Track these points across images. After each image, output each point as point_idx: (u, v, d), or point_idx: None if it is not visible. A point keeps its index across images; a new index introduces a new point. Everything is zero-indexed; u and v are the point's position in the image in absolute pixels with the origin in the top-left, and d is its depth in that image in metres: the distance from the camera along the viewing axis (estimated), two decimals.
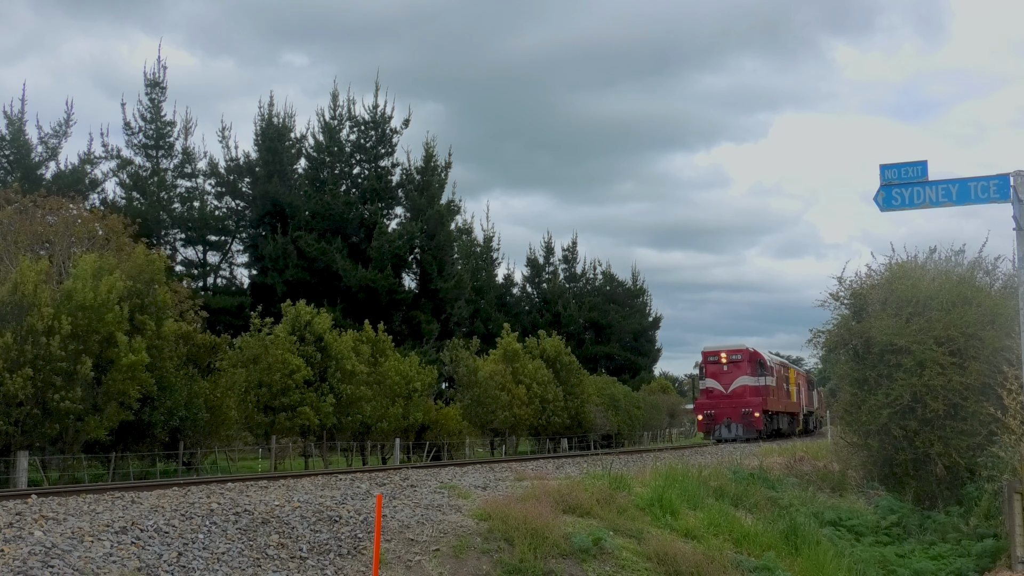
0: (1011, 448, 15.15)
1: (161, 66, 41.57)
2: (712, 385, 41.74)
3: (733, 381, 40.99)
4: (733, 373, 41.16)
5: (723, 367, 41.61)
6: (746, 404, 40.14)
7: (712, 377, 41.92)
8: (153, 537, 8.37)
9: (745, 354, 42.10)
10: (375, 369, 30.63)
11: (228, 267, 45.17)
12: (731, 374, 41.19)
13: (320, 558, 9.03)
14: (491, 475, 15.36)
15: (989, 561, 14.91)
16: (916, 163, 15.34)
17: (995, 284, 21.44)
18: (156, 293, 23.74)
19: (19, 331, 19.75)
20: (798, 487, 20.92)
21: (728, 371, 41.33)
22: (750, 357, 42.32)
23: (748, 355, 42.24)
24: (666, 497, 14.28)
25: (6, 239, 24.67)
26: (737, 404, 40.25)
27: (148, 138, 40.95)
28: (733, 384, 40.97)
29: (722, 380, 41.31)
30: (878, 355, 20.58)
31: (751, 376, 41.32)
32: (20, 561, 7.15)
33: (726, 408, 40.43)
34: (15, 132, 36.46)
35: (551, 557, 10.64)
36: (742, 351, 42.23)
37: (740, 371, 41.23)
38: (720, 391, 41.20)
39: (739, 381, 40.92)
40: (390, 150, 46.03)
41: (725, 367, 41.51)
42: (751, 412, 39.83)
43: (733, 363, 41.51)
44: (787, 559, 13.44)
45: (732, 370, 41.26)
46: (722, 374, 41.54)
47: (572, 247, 63.70)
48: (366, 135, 45.78)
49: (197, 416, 24.31)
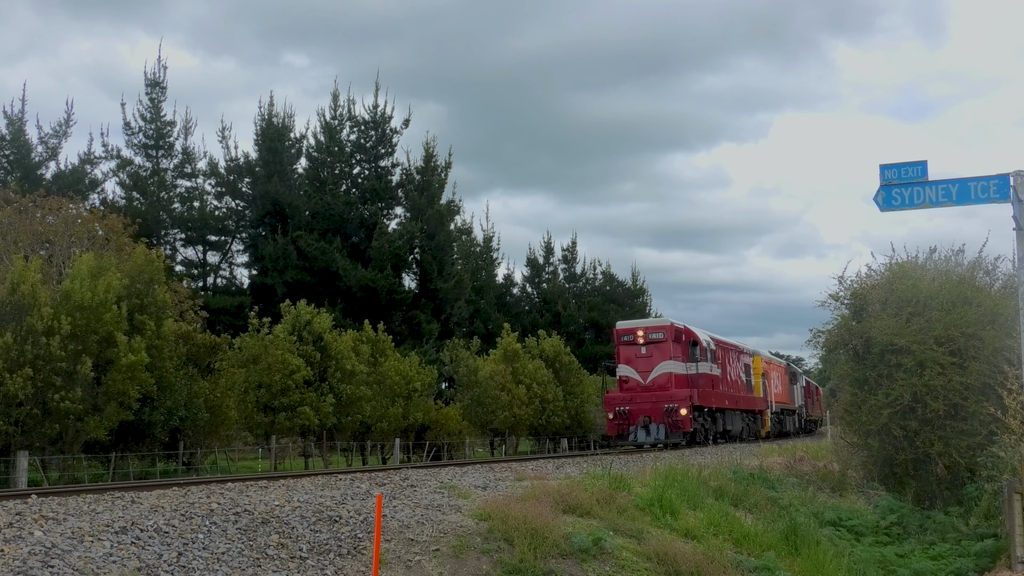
0: (1011, 448, 15.15)
1: (161, 66, 41.59)
2: (627, 373, 31.30)
3: (654, 368, 30.74)
4: (654, 357, 30.80)
5: (640, 349, 31.03)
6: (670, 398, 29.85)
7: (627, 363, 31.43)
8: (153, 537, 8.37)
9: (669, 332, 31.41)
10: (375, 369, 30.65)
11: (228, 267, 45.19)
12: (651, 358, 30.83)
13: (320, 558, 9.04)
14: (491, 475, 15.37)
15: (989, 561, 14.91)
16: (916, 163, 15.34)
17: (995, 284, 21.46)
18: (156, 293, 23.74)
19: (19, 331, 19.76)
20: (798, 487, 20.93)
21: (647, 355, 30.90)
22: (676, 335, 31.73)
23: (673, 333, 31.55)
24: (666, 497, 14.28)
25: (6, 239, 24.68)
26: (658, 398, 29.94)
27: (148, 138, 40.96)
28: (654, 372, 30.70)
29: (639, 366, 30.98)
30: (878, 355, 20.59)
31: (679, 361, 31.27)
32: (20, 561, 7.15)
33: (644, 403, 29.98)
34: (15, 132, 36.47)
35: (551, 557, 10.64)
36: (665, 328, 31.69)
37: (663, 354, 30.80)
38: (637, 381, 30.89)
39: (662, 368, 30.66)
40: (390, 150, 46.05)
41: (643, 349, 30.96)
42: (676, 409, 29.46)
43: (653, 344, 30.96)
44: (787, 559, 13.44)
45: (652, 353, 30.85)
46: (639, 359, 31.12)
47: (572, 247, 63.72)
48: (366, 135, 45.79)
49: (197, 416, 24.32)
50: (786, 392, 48.79)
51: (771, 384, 44.08)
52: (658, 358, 30.87)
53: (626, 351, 31.60)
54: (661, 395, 30.03)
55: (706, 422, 32.32)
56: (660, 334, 31.25)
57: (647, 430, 29.71)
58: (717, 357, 34.77)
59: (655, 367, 30.81)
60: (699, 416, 31.27)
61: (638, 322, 33.91)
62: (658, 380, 30.70)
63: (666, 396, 29.90)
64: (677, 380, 30.80)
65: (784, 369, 49.80)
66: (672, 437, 29.63)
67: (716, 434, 34.17)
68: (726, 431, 35.13)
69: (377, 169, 45.63)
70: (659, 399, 29.92)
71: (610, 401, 31.03)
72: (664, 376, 30.70)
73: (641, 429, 29.76)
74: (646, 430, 29.73)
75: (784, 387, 48.42)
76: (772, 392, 44.01)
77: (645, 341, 31.08)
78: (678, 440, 29.77)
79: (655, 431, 29.68)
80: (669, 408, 29.57)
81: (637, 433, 29.88)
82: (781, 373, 48.20)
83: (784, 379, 48.82)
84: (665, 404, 29.66)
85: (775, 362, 47.90)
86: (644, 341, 31.09)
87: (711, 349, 33.85)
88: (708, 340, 33.84)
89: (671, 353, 30.94)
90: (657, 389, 30.33)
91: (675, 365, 30.97)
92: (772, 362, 46.77)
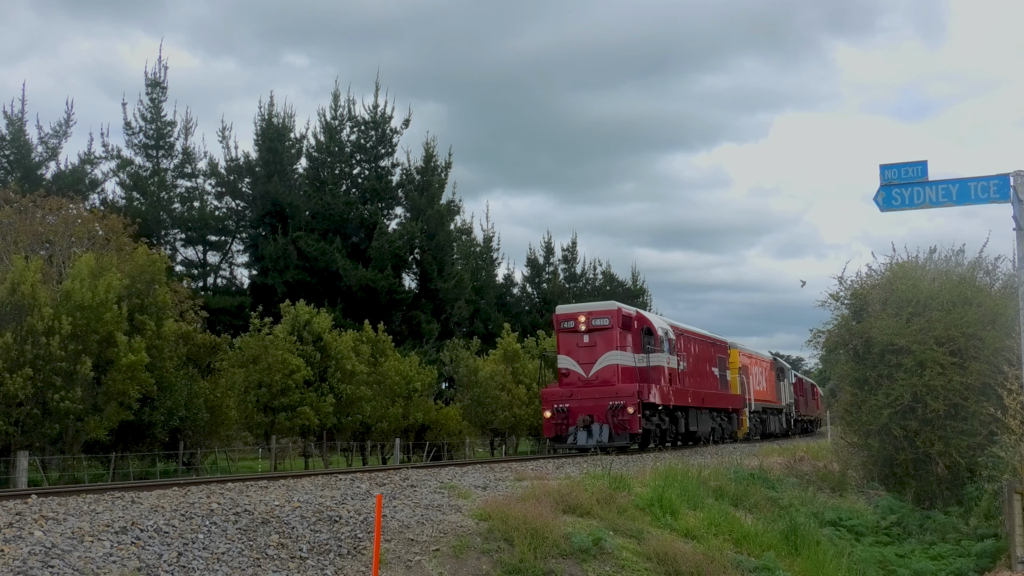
0: (1011, 448, 15.15)
1: (162, 66, 41.63)
2: (568, 366, 26.93)
3: (597, 359, 26.44)
4: (597, 347, 26.54)
5: (582, 338, 26.67)
6: (615, 394, 25.56)
7: (567, 354, 27.02)
8: (153, 537, 8.38)
9: (616, 317, 26.83)
10: (375, 369, 30.68)
11: (228, 267, 45.23)
12: (594, 348, 26.56)
13: (320, 558, 9.04)
14: (491, 475, 15.37)
15: (989, 561, 14.91)
16: (916, 163, 15.34)
17: (995, 284, 21.46)
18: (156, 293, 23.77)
19: (19, 331, 19.77)
20: (798, 487, 20.92)
21: (590, 344, 26.59)
22: (625, 322, 27.32)
23: (621, 319, 27.00)
24: (666, 497, 14.28)
25: (6, 239, 24.69)
26: (601, 394, 25.74)
27: (148, 138, 40.99)
28: (597, 364, 26.39)
29: (580, 357, 26.72)
30: (878, 355, 20.59)
31: (628, 351, 27.00)
32: (20, 561, 7.15)
33: (586, 400, 25.80)
34: (15, 132, 36.50)
35: (551, 557, 10.64)
36: (611, 312, 27.04)
37: (608, 344, 26.49)
38: (578, 375, 26.62)
39: (607, 359, 26.42)
40: (390, 150, 46.08)
41: (585, 338, 26.62)
42: (621, 406, 25.23)
43: (598, 332, 26.63)
44: (787, 559, 13.45)
45: (596, 342, 26.57)
46: (581, 348, 26.76)
47: (572, 247, 63.75)
48: (366, 135, 45.82)
49: (197, 416, 24.35)
50: (771, 389, 44.33)
51: (751, 380, 39.63)
52: (603, 348, 26.45)
53: (566, 340, 27.08)
54: (605, 391, 25.77)
55: (663, 422, 27.76)
56: (605, 320, 26.65)
57: (589, 431, 25.36)
58: (679, 348, 30.20)
59: (599, 358, 26.38)
60: (653, 415, 26.91)
61: (580, 306, 28.72)
62: (602, 373, 26.28)
63: (611, 392, 25.63)
64: (625, 373, 26.40)
65: (769, 364, 45.23)
66: (618, 439, 25.14)
67: (677, 436, 29.64)
68: (690, 432, 30.31)
69: (377, 169, 45.65)
70: (603, 395, 25.66)
71: (547, 397, 26.63)
72: (609, 369, 26.28)
73: (582, 430, 25.38)
74: (587, 431, 25.36)
75: (769, 384, 43.94)
76: (752, 389, 39.46)
77: (587, 328, 26.52)
78: (624, 443, 25.32)
79: (598, 432, 25.25)
80: (614, 406, 25.20)
81: (577, 435, 25.45)
82: (765, 368, 43.72)
83: (769, 375, 44.29)
84: (610, 401, 25.34)
85: (758, 356, 43.42)
86: (586, 328, 26.52)
87: (669, 339, 29.25)
88: (666, 328, 29.42)
89: (618, 342, 26.55)
90: (601, 384, 26.02)
91: (623, 356, 26.61)
92: (754, 356, 42.23)
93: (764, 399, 42.17)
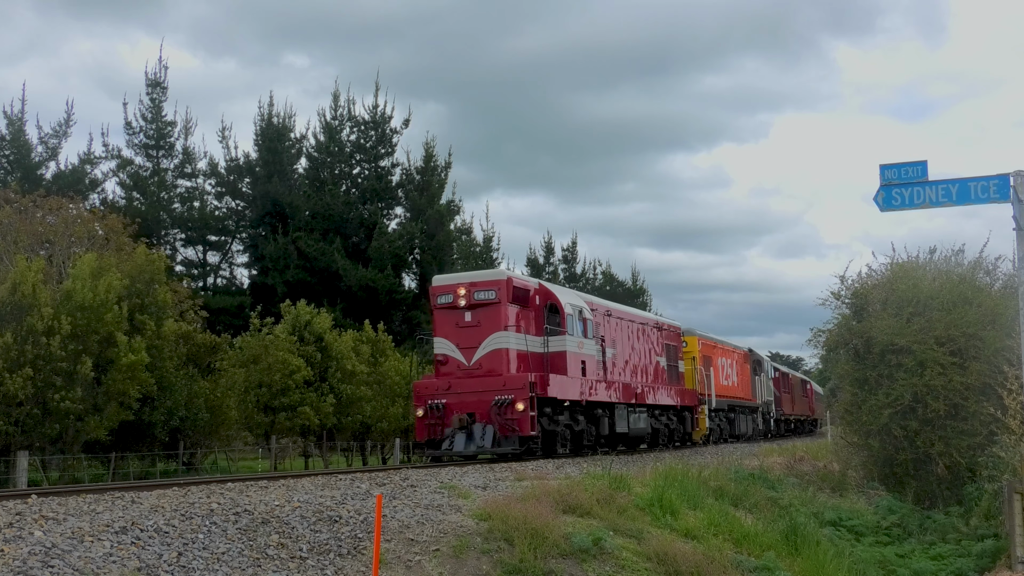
0: (1011, 448, 15.16)
1: (163, 66, 41.65)
2: (445, 351, 21.29)
3: (482, 343, 20.88)
4: (482, 327, 20.89)
5: (463, 316, 21.07)
6: (501, 386, 20.11)
7: (445, 336, 21.34)
8: (153, 537, 8.37)
9: (505, 289, 20.96)
10: (375, 369, 30.66)
11: (228, 267, 45.28)
12: (478, 329, 20.93)
13: (320, 558, 9.04)
14: (491, 475, 15.37)
15: (989, 561, 14.92)
16: (916, 163, 15.35)
17: (996, 284, 21.47)
18: (156, 293, 23.79)
19: (19, 331, 19.78)
20: (798, 487, 20.94)
21: (473, 323, 21.00)
22: (519, 296, 21.45)
23: (512, 291, 21.13)
24: (666, 497, 14.29)
25: (6, 239, 24.71)
26: (485, 386, 20.26)
27: (149, 138, 41.02)
28: (481, 348, 20.86)
29: (461, 340, 21.10)
30: (879, 355, 20.60)
31: (525, 333, 21.34)
32: (20, 561, 7.15)
33: (466, 394, 20.39)
34: (15, 132, 36.53)
35: (551, 557, 10.64)
36: (500, 284, 21.10)
37: (496, 323, 20.82)
38: (458, 362, 21.06)
39: (493, 342, 20.80)
40: (390, 150, 46.09)
41: (467, 316, 21.04)
42: (509, 403, 19.83)
43: (483, 308, 20.91)
44: (787, 559, 13.45)
45: (480, 321, 20.94)
46: (461, 329, 21.11)
47: (572, 247, 63.81)
48: (366, 135, 45.83)
49: (197, 416, 24.37)
50: (744, 384, 38.56)
51: (717, 373, 34.14)
52: (489, 328, 20.72)
53: (444, 319, 21.28)
54: (490, 382, 20.21)
55: (575, 422, 22.07)
56: (491, 293, 20.85)
57: (469, 433, 19.98)
58: (603, 331, 24.46)
59: (483, 341, 20.74)
60: (559, 413, 21.30)
61: (461, 276, 22.70)
62: (487, 360, 20.68)
63: (496, 384, 20.11)
64: (517, 360, 20.85)
65: (742, 356, 39.45)
66: (506, 444, 19.72)
67: (599, 439, 23.43)
68: (617, 434, 24.15)
69: (377, 169, 45.66)
70: (487, 388, 20.11)
71: (420, 392, 20.91)
72: (496, 354, 20.66)
73: (459, 432, 19.93)
74: (467, 433, 19.98)
75: (742, 378, 38.35)
76: (716, 383, 33.56)
77: (469, 303, 20.84)
78: (512, 448, 19.70)
79: (480, 434, 19.88)
80: (499, 402, 19.72)
81: (454, 439, 19.94)
82: (736, 360, 38.07)
83: (742, 368, 38.60)
84: (495, 395, 19.85)
85: (727, 346, 37.76)
86: (467, 303, 20.85)
87: (585, 319, 22.98)
88: (582, 307, 23.12)
89: (508, 321, 20.83)
90: (485, 374, 20.51)
91: (515, 338, 20.90)
92: (721, 345, 36.64)
93: (733, 395, 36.52)
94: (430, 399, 20.68)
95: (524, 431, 19.78)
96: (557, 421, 21.29)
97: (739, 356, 39.03)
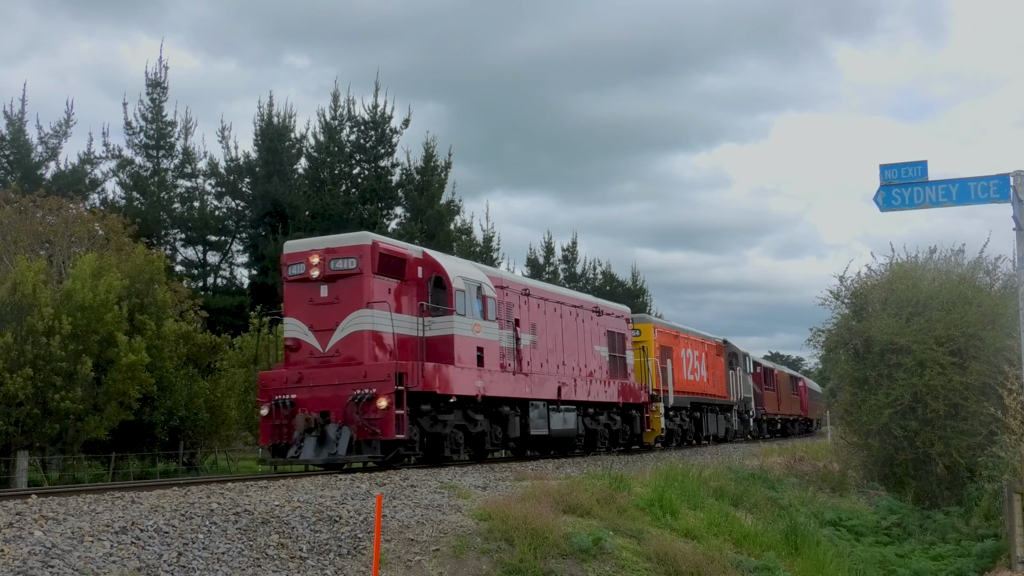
0: (1011, 448, 15.16)
1: (163, 66, 41.64)
2: (296, 334, 17.36)
3: (340, 323, 16.98)
4: (340, 304, 17.04)
5: (318, 290, 17.23)
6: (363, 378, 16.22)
7: (297, 316, 17.42)
8: (153, 537, 8.38)
9: (369, 257, 17.08)
10: None
11: (228, 267, 45.23)
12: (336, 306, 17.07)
13: (320, 558, 9.04)
14: (491, 475, 15.36)
15: (989, 561, 14.92)
16: (916, 163, 15.36)
17: (995, 284, 21.49)
18: (156, 293, 23.79)
19: (19, 331, 19.79)
20: (798, 487, 20.94)
21: (330, 299, 17.14)
22: (387, 264, 17.47)
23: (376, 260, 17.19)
24: (666, 497, 14.30)
25: (6, 239, 24.71)
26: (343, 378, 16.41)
27: (149, 138, 41.00)
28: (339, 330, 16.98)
29: (315, 321, 17.21)
30: (878, 355, 20.60)
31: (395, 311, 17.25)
32: (20, 561, 7.15)
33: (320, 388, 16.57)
34: (15, 132, 36.52)
35: (551, 557, 10.64)
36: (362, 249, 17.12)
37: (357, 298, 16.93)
38: (312, 347, 17.17)
39: (353, 323, 16.90)
40: (390, 150, 46.07)
41: (323, 290, 17.19)
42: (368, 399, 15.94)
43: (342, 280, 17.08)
44: (787, 559, 13.45)
45: (339, 297, 17.08)
46: (316, 307, 17.22)
47: (572, 247, 63.78)
48: (366, 135, 45.81)
49: (197, 416, 24.37)
50: (715, 379, 34.28)
51: (680, 366, 30.07)
52: (348, 305, 16.73)
53: (296, 294, 17.24)
54: (348, 373, 16.24)
55: (469, 423, 18.08)
56: (351, 261, 16.75)
57: (322, 436, 15.92)
58: (515, 313, 20.37)
59: (341, 322, 16.71)
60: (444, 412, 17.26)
61: (317, 240, 17.94)
62: (346, 346, 16.68)
63: (356, 375, 16.12)
64: (386, 346, 16.78)
65: (714, 348, 35.16)
66: (367, 449, 15.92)
67: (506, 441, 19.68)
68: (531, 437, 20.30)
69: (377, 169, 45.64)
70: (344, 380, 16.16)
71: (266, 385, 16.91)
72: (356, 338, 16.61)
73: (309, 436, 15.93)
74: (319, 436, 15.92)
75: (713, 372, 34.03)
76: (677, 377, 29.61)
77: (324, 274, 16.83)
78: (372, 455, 15.94)
79: (335, 438, 15.86)
80: (357, 397, 15.76)
81: (303, 444, 15.93)
82: (706, 353, 33.75)
83: (713, 361, 34.35)
84: (356, 390, 15.89)
85: (693, 336, 33.22)
86: (323, 274, 16.83)
87: (487, 296, 18.91)
88: (480, 282, 18.86)
89: (373, 295, 16.71)
90: (342, 363, 16.56)
91: (383, 318, 16.64)
92: (685, 335, 32.19)
93: (701, 391, 32.22)
94: (278, 394, 16.55)
95: (387, 433, 15.62)
96: (444, 422, 17.21)
97: (710, 348, 34.50)
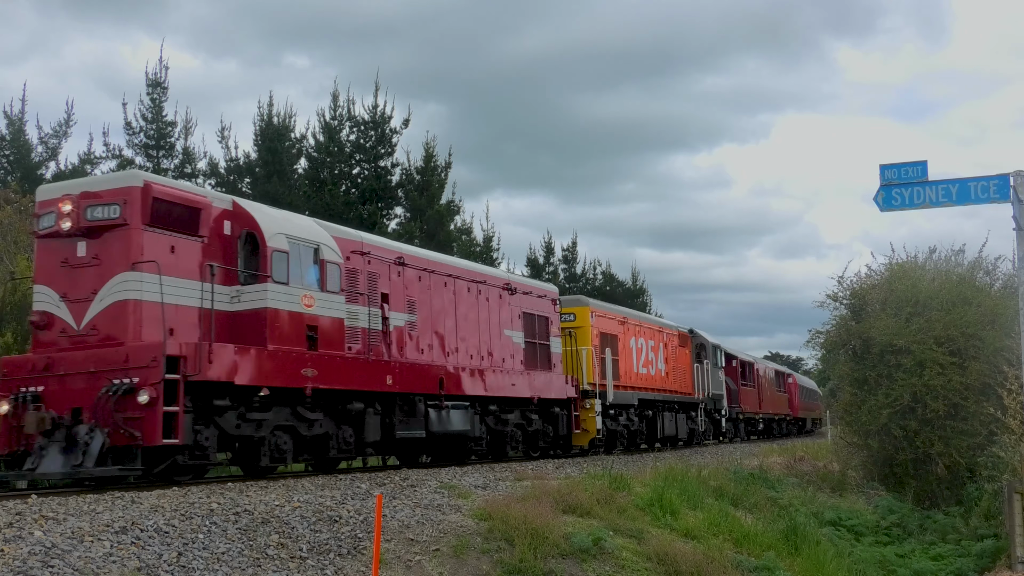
0: (1011, 448, 15.16)
1: (163, 66, 41.54)
2: (47, 306, 12.72)
3: (98, 292, 12.33)
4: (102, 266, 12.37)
5: (74, 248, 12.54)
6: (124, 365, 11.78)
7: (46, 282, 12.77)
8: (153, 537, 8.38)
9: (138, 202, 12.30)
10: None
11: None
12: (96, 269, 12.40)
13: (320, 558, 9.04)
14: (491, 475, 15.37)
15: (989, 561, 14.93)
16: (916, 163, 15.37)
17: (995, 284, 21.51)
18: None
19: (19, 331, 19.79)
20: (798, 487, 20.94)
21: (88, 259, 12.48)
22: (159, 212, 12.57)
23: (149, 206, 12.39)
24: (666, 497, 14.31)
25: (6, 239, 24.71)
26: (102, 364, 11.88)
27: (149, 138, 40.93)
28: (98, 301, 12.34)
29: (69, 288, 12.55)
30: (878, 355, 20.61)
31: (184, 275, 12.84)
32: (20, 561, 7.16)
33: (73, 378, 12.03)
34: (15, 132, 36.53)
35: (551, 557, 10.65)
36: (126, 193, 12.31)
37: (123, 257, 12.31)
38: (65, 324, 12.57)
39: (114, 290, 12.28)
40: (390, 150, 46.03)
41: (80, 248, 12.51)
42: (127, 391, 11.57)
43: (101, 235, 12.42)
44: (787, 559, 13.46)
45: (99, 256, 12.41)
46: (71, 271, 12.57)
47: (572, 247, 63.65)
48: (366, 135, 45.80)
49: None
50: (678, 373, 30.32)
51: (628, 357, 26.24)
52: (111, 267, 12.51)
53: (48, 253, 13.06)
54: (105, 357, 12.08)
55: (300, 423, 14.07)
56: (115, 208, 12.45)
57: (67, 441, 11.72)
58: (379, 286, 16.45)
59: (101, 289, 12.50)
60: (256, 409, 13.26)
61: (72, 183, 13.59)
62: (105, 321, 12.48)
63: (115, 360, 11.97)
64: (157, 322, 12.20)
65: (678, 338, 31.19)
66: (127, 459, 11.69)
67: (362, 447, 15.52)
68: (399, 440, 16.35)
69: (377, 169, 45.63)
70: (101, 366, 12.02)
71: (8, 374, 12.79)
72: (119, 310, 12.39)
73: (52, 443, 11.74)
74: (64, 442, 11.73)
75: (673, 365, 30.04)
76: (624, 370, 25.73)
77: (78, 226, 12.58)
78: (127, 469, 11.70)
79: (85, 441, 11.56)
80: (112, 389, 11.69)
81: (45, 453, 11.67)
82: (665, 343, 29.66)
83: (675, 353, 30.37)
84: (112, 379, 11.81)
85: (649, 324, 29.45)
86: (76, 226, 12.59)
87: (329, 262, 14.73)
88: (318, 244, 14.66)
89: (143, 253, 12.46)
90: (100, 343, 12.41)
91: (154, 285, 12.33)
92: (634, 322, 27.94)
93: (656, 387, 28.14)
94: (22, 386, 12.44)
95: (151, 438, 11.55)
96: (257, 422, 13.33)
97: (670, 338, 30.33)
